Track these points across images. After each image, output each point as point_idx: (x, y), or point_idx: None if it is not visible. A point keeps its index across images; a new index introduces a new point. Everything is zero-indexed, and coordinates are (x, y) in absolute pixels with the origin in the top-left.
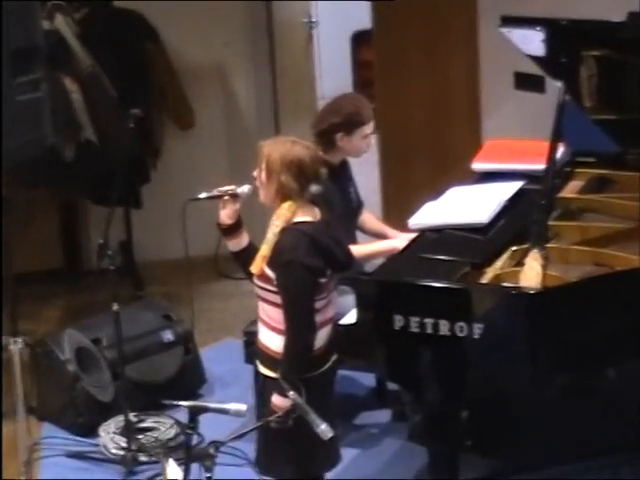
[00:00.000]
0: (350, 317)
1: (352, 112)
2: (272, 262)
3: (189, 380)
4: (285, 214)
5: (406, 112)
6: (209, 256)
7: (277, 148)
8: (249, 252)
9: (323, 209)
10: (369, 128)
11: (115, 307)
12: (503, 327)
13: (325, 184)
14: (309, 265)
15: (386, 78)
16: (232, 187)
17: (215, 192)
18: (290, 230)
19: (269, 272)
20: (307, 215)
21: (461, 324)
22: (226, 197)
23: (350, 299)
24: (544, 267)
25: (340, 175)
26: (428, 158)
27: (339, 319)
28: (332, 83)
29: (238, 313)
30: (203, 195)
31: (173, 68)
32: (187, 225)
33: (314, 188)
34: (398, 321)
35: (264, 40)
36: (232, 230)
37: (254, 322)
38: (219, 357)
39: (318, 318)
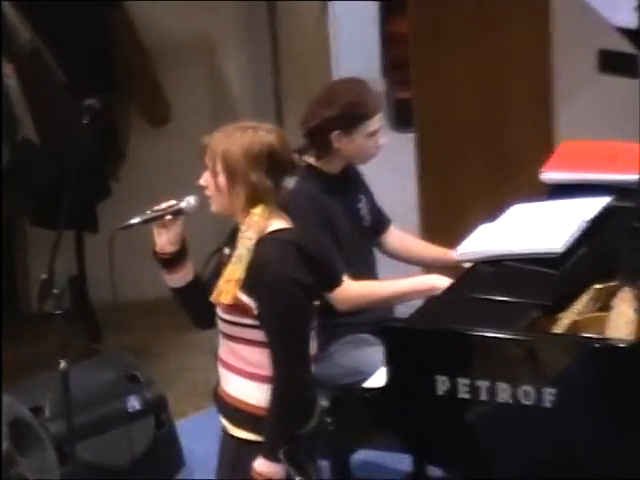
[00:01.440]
0: (377, 379)
1: (350, 102)
2: (252, 284)
3: (162, 462)
4: (258, 222)
5: (452, 102)
6: None
7: (235, 141)
8: (196, 288)
9: (299, 216)
10: (376, 123)
11: (63, 364)
12: (584, 392)
13: (304, 195)
14: (303, 282)
15: (425, 58)
16: (172, 202)
17: (151, 212)
18: (270, 241)
19: (246, 299)
20: (282, 220)
21: (526, 388)
22: (168, 217)
23: (376, 354)
24: (638, 312)
25: (342, 187)
26: (482, 165)
27: (361, 380)
28: (353, 64)
29: None
30: (135, 220)
31: (142, 44)
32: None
33: (290, 182)
34: (442, 384)
35: (262, 6)
36: (175, 260)
37: None
38: (201, 432)
39: (310, 349)
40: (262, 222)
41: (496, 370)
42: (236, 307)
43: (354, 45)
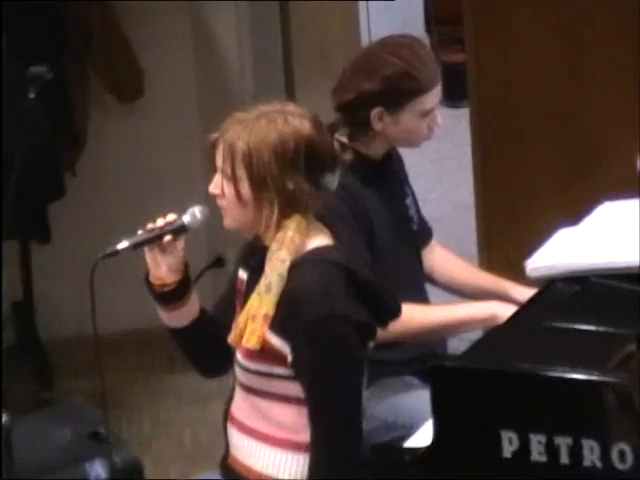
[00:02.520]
0: (423, 435)
1: (398, 73)
2: (286, 323)
3: None
4: (294, 238)
5: (519, 69)
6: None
7: (259, 134)
8: (203, 327)
9: (335, 222)
10: (431, 99)
11: (4, 418)
12: None
13: (350, 210)
14: (355, 319)
15: (485, 8)
16: (171, 217)
17: (144, 233)
18: (309, 264)
19: (277, 342)
20: (322, 234)
21: (622, 448)
22: (167, 237)
23: (422, 402)
24: None
25: (385, 177)
26: (559, 151)
27: (401, 437)
28: (388, 20)
29: (220, 431)
30: (124, 244)
31: None
32: (129, 279)
33: (333, 181)
34: (509, 442)
35: None
36: (177, 293)
37: None
38: None
39: None
40: (299, 238)
41: (581, 424)
42: (264, 352)
43: None
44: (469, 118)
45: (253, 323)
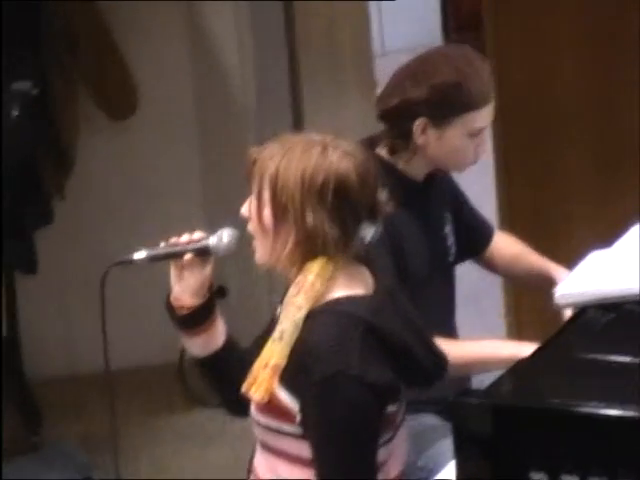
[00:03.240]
0: (445, 477)
1: (450, 81)
2: (293, 378)
3: None
4: (314, 284)
5: (545, 73)
6: (167, 364)
7: (292, 160)
8: (229, 357)
9: (381, 270)
10: (482, 118)
11: None
12: None
13: (388, 224)
14: (372, 381)
15: (506, 11)
16: (197, 235)
17: (164, 247)
18: (326, 314)
19: (285, 398)
20: (355, 284)
21: None
22: (187, 255)
23: (444, 442)
24: None
25: (424, 200)
26: (589, 162)
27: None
28: (403, 27)
29: (223, 472)
30: (140, 255)
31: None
32: (125, 313)
33: (370, 232)
34: None
35: None
36: (197, 318)
37: None
38: None
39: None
40: (320, 284)
41: (617, 463)
42: (274, 407)
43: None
44: (491, 127)
45: (262, 373)
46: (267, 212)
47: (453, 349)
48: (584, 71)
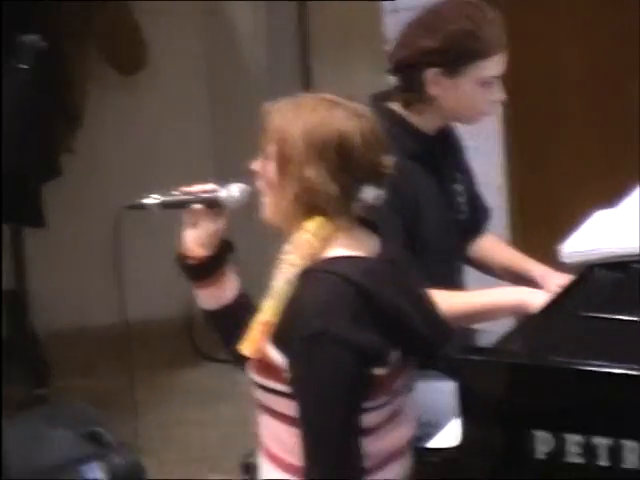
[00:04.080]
0: (448, 435)
1: (463, 29)
2: (283, 335)
3: None
4: (310, 242)
5: (554, 51)
6: (177, 319)
7: (299, 117)
8: (238, 313)
9: (389, 234)
10: (494, 66)
11: None
12: None
13: (395, 186)
14: (356, 342)
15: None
16: (210, 186)
17: (176, 194)
18: (317, 273)
19: (275, 356)
20: (354, 245)
21: None
22: (196, 205)
23: (447, 398)
24: None
25: (437, 155)
26: (596, 135)
27: (424, 436)
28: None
29: (233, 433)
30: (152, 199)
31: None
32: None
33: (372, 194)
34: (543, 443)
35: None
36: (207, 269)
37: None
38: None
39: (373, 446)
40: (315, 243)
41: (622, 423)
42: (266, 366)
43: None
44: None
45: (254, 332)
46: (272, 166)
47: (459, 299)
48: (591, 52)
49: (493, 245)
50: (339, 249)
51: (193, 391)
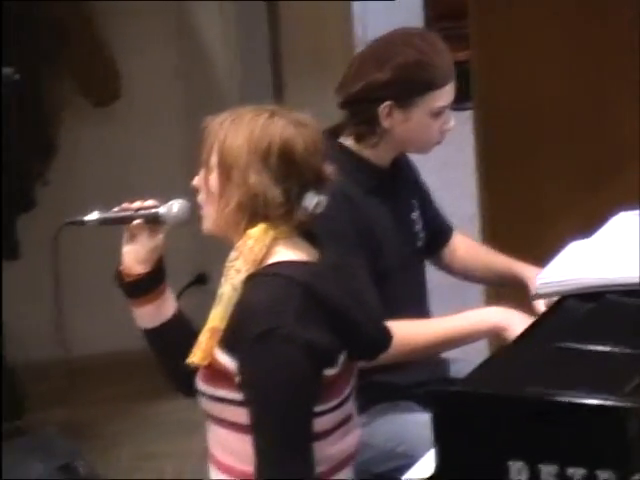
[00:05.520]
0: (423, 467)
1: (412, 60)
2: (231, 339)
3: None
4: (253, 248)
5: (530, 67)
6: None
7: (240, 126)
8: (176, 331)
9: (328, 243)
10: (444, 96)
11: None
12: None
13: (335, 193)
14: (305, 340)
15: (491, 6)
16: (150, 202)
17: (115, 211)
18: (264, 277)
19: (225, 360)
20: (298, 251)
21: None
22: (137, 221)
23: (423, 430)
24: None
25: (392, 187)
26: (571, 157)
27: (400, 467)
28: (385, 16)
29: (206, 465)
30: (92, 216)
31: None
32: (107, 297)
33: (314, 201)
34: (517, 473)
35: None
36: (143, 287)
37: None
38: None
39: (325, 452)
40: (259, 249)
41: (596, 453)
42: (216, 374)
43: None
44: (473, 121)
45: (202, 340)
46: (213, 176)
47: (436, 324)
48: (569, 69)
49: (469, 249)
50: (283, 254)
51: (167, 423)
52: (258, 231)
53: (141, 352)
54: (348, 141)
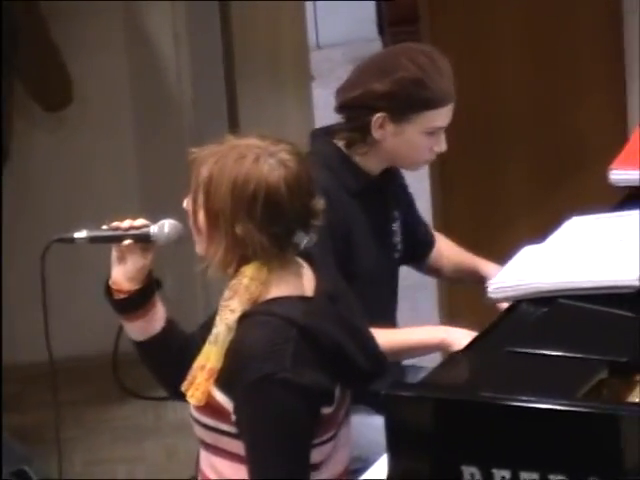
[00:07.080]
0: (377, 471)
1: (412, 78)
2: (227, 380)
3: None
4: (248, 287)
5: (484, 71)
6: (103, 355)
7: (224, 167)
8: (167, 341)
9: (321, 271)
10: (441, 117)
11: None
12: None
13: (329, 222)
14: (303, 384)
15: (443, 9)
16: (140, 222)
17: (105, 229)
18: (258, 317)
19: (222, 399)
20: (292, 285)
21: None
22: (127, 240)
23: (377, 434)
24: None
25: (377, 195)
26: (526, 160)
27: (355, 473)
28: (337, 24)
29: (158, 470)
30: (81, 234)
31: None
32: (61, 302)
33: (304, 239)
34: (471, 478)
35: None
36: (134, 303)
37: None
38: None
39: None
40: (255, 287)
41: (549, 457)
42: (211, 407)
43: None
44: None
45: (200, 374)
46: (201, 216)
47: (384, 336)
48: (523, 70)
49: (457, 253)
50: (277, 290)
51: (119, 428)
52: (252, 269)
53: (94, 357)
54: (340, 143)
